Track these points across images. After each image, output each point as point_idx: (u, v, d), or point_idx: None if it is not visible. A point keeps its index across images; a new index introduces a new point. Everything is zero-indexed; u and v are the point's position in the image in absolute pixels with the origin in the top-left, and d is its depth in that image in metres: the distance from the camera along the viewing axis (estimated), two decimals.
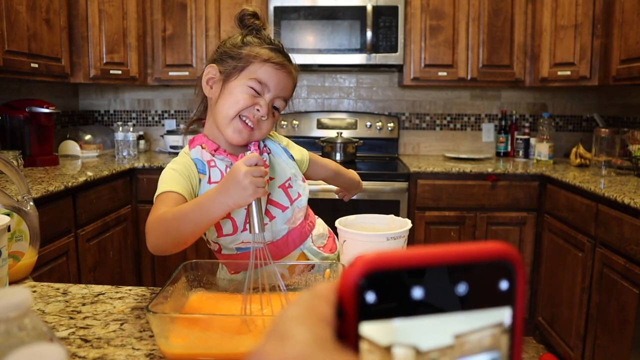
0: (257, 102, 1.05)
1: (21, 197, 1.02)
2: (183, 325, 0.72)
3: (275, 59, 1.06)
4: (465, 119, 3.46)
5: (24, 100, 2.62)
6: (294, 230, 1.12)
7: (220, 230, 1.07)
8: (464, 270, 0.28)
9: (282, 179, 1.12)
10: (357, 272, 0.27)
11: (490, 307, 0.29)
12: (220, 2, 3.05)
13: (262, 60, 1.06)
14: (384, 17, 2.94)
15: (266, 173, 0.91)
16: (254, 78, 1.05)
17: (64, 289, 0.96)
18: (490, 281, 0.29)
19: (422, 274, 0.28)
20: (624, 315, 1.96)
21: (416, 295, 0.28)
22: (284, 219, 1.10)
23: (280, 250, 1.11)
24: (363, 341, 0.27)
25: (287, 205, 1.11)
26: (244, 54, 1.07)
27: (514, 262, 0.29)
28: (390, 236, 0.84)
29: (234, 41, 1.10)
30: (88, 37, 2.75)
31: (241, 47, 1.08)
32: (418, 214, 2.79)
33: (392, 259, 0.28)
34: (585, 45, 2.77)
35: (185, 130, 1.21)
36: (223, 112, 1.06)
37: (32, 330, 0.42)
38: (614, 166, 2.58)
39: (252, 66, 1.06)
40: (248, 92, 1.05)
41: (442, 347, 0.28)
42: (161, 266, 2.90)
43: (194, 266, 0.87)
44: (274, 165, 1.13)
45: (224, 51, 1.10)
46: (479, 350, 0.29)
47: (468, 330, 0.28)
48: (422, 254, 0.28)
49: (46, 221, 1.98)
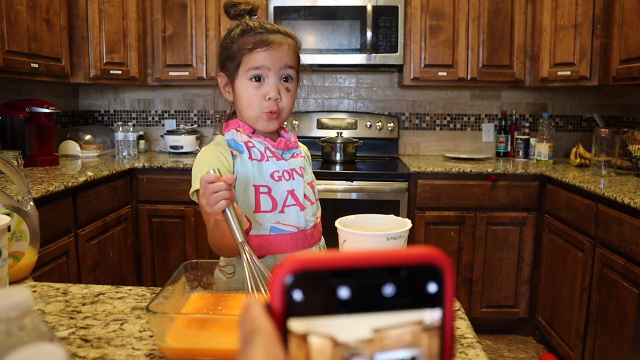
0: (264, 92, 1.09)
1: (21, 197, 1.02)
2: (183, 325, 0.72)
3: (260, 42, 1.08)
4: (465, 119, 3.46)
5: (24, 100, 2.63)
6: (318, 225, 1.19)
7: (259, 206, 1.10)
8: (392, 273, 0.30)
9: (309, 178, 1.19)
10: (285, 271, 0.29)
11: (418, 308, 0.30)
12: (220, 2, 3.05)
13: (249, 50, 1.08)
14: (384, 17, 2.94)
15: (229, 181, 0.90)
16: (249, 69, 1.09)
17: (64, 289, 0.96)
18: (418, 284, 0.30)
19: (350, 274, 0.29)
20: (624, 315, 1.96)
21: (342, 295, 0.29)
22: (312, 211, 1.16)
23: (308, 239, 1.14)
24: (291, 336, 0.29)
25: (314, 200, 1.18)
26: (233, 51, 1.11)
27: (443, 266, 0.30)
28: (390, 236, 0.84)
29: (224, 42, 1.14)
30: (88, 37, 2.75)
31: (230, 45, 1.12)
32: (418, 214, 2.79)
33: (320, 260, 0.29)
34: (585, 45, 2.77)
35: (224, 125, 1.20)
36: (245, 113, 1.13)
37: (32, 330, 0.42)
38: (614, 166, 2.59)
39: (244, 59, 1.09)
40: (252, 85, 1.09)
41: (360, 339, 0.29)
42: (161, 266, 2.90)
43: (194, 266, 0.87)
44: (306, 166, 1.19)
45: (221, 54, 1.15)
46: (399, 346, 0.30)
47: (387, 325, 0.30)
48: (349, 257, 0.29)
49: (46, 221, 1.98)
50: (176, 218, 2.85)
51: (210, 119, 3.54)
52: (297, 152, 1.18)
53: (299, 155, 1.18)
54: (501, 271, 2.84)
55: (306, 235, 1.13)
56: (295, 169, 1.14)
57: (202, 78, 3.12)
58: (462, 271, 2.84)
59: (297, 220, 1.11)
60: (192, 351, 0.69)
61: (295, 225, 1.11)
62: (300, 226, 1.11)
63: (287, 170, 1.12)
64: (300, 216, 1.12)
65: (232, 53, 1.11)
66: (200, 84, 3.19)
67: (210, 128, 3.53)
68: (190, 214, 2.83)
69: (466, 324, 0.82)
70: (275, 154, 1.13)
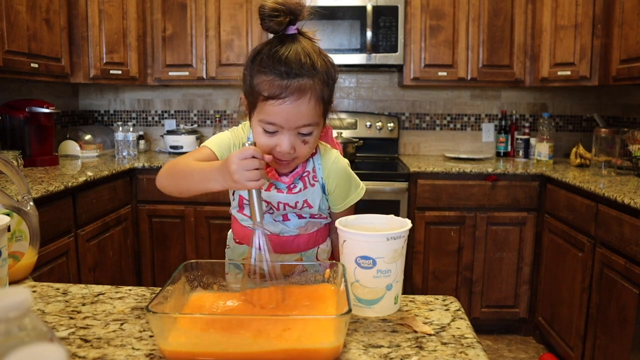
0: (276, 143, 0.99)
1: (21, 197, 1.02)
2: (183, 325, 0.72)
3: (275, 93, 0.94)
4: (465, 119, 3.46)
5: (24, 100, 2.62)
6: (302, 236, 1.16)
7: (242, 208, 1.15)
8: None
9: (305, 196, 1.14)
10: None
11: None
12: (220, 2, 3.05)
13: (264, 98, 0.95)
14: (384, 17, 2.94)
15: (267, 166, 0.93)
16: (262, 120, 0.98)
17: (64, 289, 0.96)
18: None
19: None
20: (624, 315, 1.96)
21: None
22: (296, 224, 1.15)
23: (283, 245, 1.15)
24: None
25: (306, 216, 1.15)
26: (249, 87, 0.99)
27: None
28: (390, 236, 0.84)
29: (245, 67, 1.01)
30: (88, 37, 2.75)
31: (247, 78, 0.99)
32: (418, 214, 2.79)
33: None
34: (585, 45, 2.77)
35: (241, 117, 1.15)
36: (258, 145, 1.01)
37: (32, 330, 0.42)
38: (614, 166, 2.58)
39: (259, 104, 0.97)
40: (265, 134, 0.99)
41: None
42: (161, 266, 2.90)
43: (194, 266, 0.87)
44: (311, 194, 1.12)
45: (244, 75, 1.02)
46: None
47: None
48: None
49: (46, 221, 1.98)
50: (176, 218, 2.85)
51: (210, 119, 3.54)
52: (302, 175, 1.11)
53: (304, 176, 1.11)
54: (501, 271, 2.84)
55: (282, 241, 1.14)
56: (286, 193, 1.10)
57: (202, 78, 3.12)
58: (462, 271, 2.84)
59: (273, 227, 1.13)
60: (192, 351, 0.69)
61: (268, 229, 1.09)
62: (266, 229, 1.05)
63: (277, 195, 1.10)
64: (271, 223, 1.13)
65: (248, 88, 1.00)
66: (200, 84, 3.19)
67: (210, 128, 3.53)
68: (190, 213, 2.83)
69: (466, 324, 0.82)
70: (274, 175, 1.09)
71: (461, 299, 2.80)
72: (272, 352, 0.68)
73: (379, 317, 0.84)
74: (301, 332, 0.70)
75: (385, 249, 0.84)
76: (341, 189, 1.14)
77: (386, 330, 0.79)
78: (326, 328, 0.70)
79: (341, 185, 1.14)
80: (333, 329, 0.69)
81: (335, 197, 1.15)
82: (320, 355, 0.69)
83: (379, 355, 0.71)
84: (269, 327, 0.71)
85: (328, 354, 0.69)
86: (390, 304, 0.86)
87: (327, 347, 0.68)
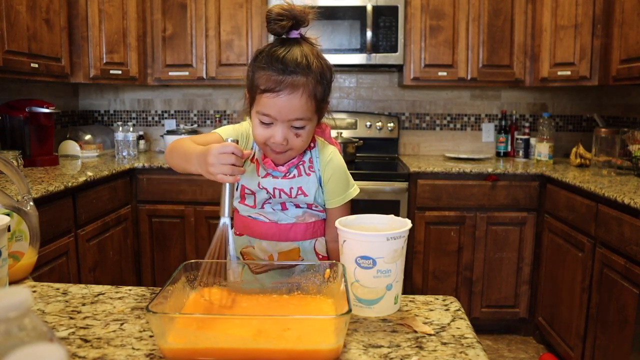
0: (271, 134, 1.06)
1: (21, 197, 1.02)
2: (183, 325, 0.72)
3: (271, 87, 1.02)
4: (465, 119, 3.46)
5: (24, 100, 2.62)
6: (300, 225, 1.20)
7: (244, 199, 1.20)
8: None
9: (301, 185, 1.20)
10: None
11: None
12: (220, 2, 3.05)
13: (261, 91, 1.04)
14: (384, 17, 2.94)
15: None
16: (258, 111, 1.06)
17: (64, 289, 0.96)
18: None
19: None
20: (624, 315, 1.96)
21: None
22: (294, 213, 1.19)
23: (280, 233, 1.19)
24: None
25: (303, 207, 1.19)
26: (250, 82, 1.08)
27: None
28: (390, 236, 0.84)
29: (249, 65, 1.10)
30: (88, 37, 2.75)
31: (250, 74, 1.08)
32: (418, 214, 2.79)
33: None
34: (585, 45, 2.77)
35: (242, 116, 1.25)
36: (254, 137, 1.12)
37: (32, 330, 0.42)
38: (614, 166, 2.58)
39: (257, 97, 1.06)
40: (261, 125, 1.07)
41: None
42: (161, 266, 2.90)
43: (194, 266, 0.87)
44: (307, 184, 1.19)
45: (247, 72, 1.10)
46: None
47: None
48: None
49: (46, 221, 1.98)
50: (176, 218, 2.85)
51: (211, 119, 3.54)
52: (298, 166, 1.17)
53: (301, 168, 1.17)
54: (501, 271, 2.84)
55: (280, 229, 1.19)
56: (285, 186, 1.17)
57: (202, 78, 3.12)
58: (462, 271, 2.84)
59: (272, 215, 1.19)
60: (192, 351, 0.69)
61: (267, 217, 1.19)
62: (272, 219, 1.18)
63: (275, 187, 1.17)
64: (270, 212, 1.19)
65: (249, 83, 1.09)
66: (200, 84, 3.19)
67: (211, 128, 3.53)
68: (190, 213, 2.83)
69: (466, 324, 0.82)
70: (270, 165, 1.16)
71: (461, 299, 2.80)
72: (272, 352, 0.68)
73: (379, 317, 0.84)
74: (301, 332, 0.70)
75: (385, 249, 0.84)
76: (336, 182, 1.19)
77: (386, 330, 0.79)
78: (326, 328, 0.70)
79: (336, 177, 1.19)
80: (333, 329, 0.69)
81: (330, 189, 1.19)
82: (321, 355, 0.69)
83: (379, 355, 0.71)
84: (269, 327, 0.71)
85: (328, 354, 0.69)
86: (390, 304, 0.86)
87: (327, 347, 0.68)
